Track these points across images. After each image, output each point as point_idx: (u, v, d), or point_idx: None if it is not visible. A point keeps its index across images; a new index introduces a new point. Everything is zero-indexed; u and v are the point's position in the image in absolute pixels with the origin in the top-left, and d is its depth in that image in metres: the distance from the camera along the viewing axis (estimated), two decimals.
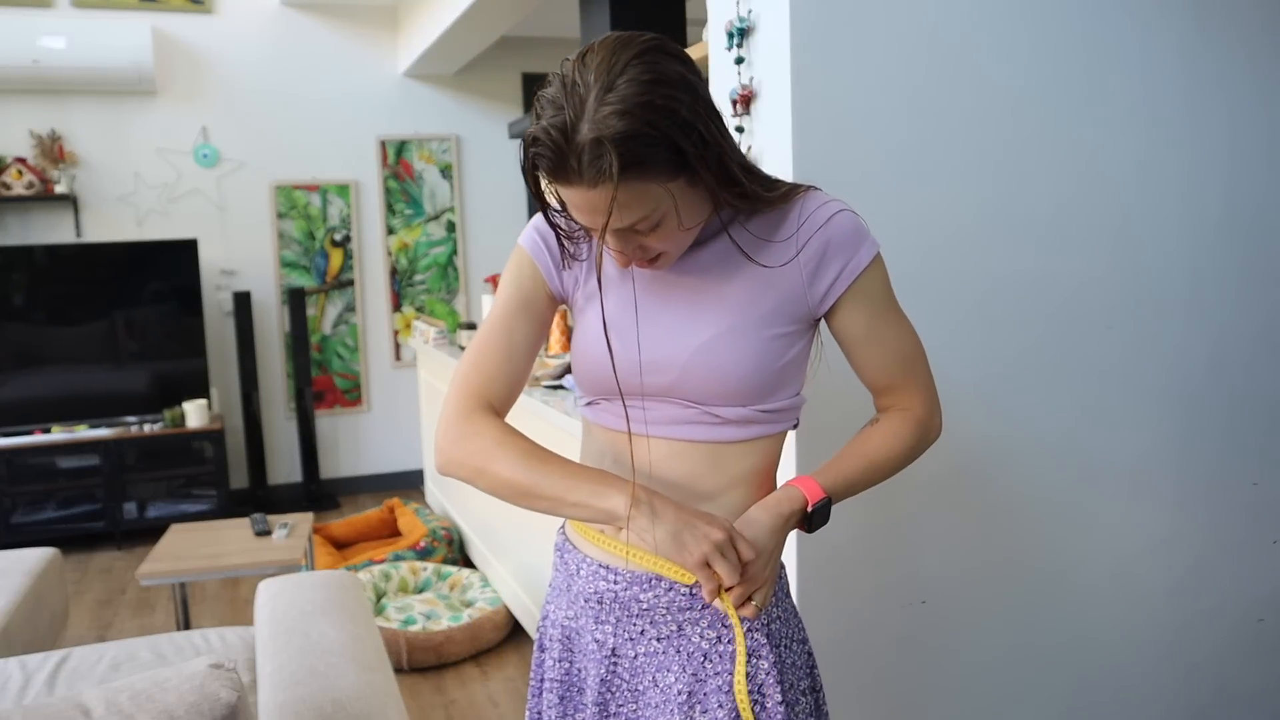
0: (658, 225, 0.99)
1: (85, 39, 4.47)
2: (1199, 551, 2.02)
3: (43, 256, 4.52)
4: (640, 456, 1.13)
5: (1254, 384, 2.01)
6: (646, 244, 1.03)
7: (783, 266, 1.07)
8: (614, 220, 0.97)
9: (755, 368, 1.06)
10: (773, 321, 1.07)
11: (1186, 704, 2.06)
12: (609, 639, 1.14)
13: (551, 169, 0.95)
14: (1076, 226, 1.83)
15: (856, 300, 1.10)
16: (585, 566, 1.16)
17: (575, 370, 1.17)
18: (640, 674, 1.13)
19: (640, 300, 1.12)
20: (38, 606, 2.58)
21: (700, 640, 1.11)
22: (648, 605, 1.11)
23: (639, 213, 0.97)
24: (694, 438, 1.10)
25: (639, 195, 0.95)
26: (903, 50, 1.67)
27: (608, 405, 1.16)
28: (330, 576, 2.25)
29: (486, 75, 5.30)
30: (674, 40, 3.78)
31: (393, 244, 5.30)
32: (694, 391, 1.08)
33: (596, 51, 0.96)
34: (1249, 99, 1.92)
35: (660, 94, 0.92)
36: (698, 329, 1.07)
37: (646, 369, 1.10)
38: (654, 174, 0.95)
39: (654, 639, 1.12)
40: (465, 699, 2.90)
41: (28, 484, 4.40)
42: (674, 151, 0.94)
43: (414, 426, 5.28)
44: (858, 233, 1.08)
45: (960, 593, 1.85)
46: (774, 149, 1.67)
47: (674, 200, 0.98)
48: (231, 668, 1.26)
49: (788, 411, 1.12)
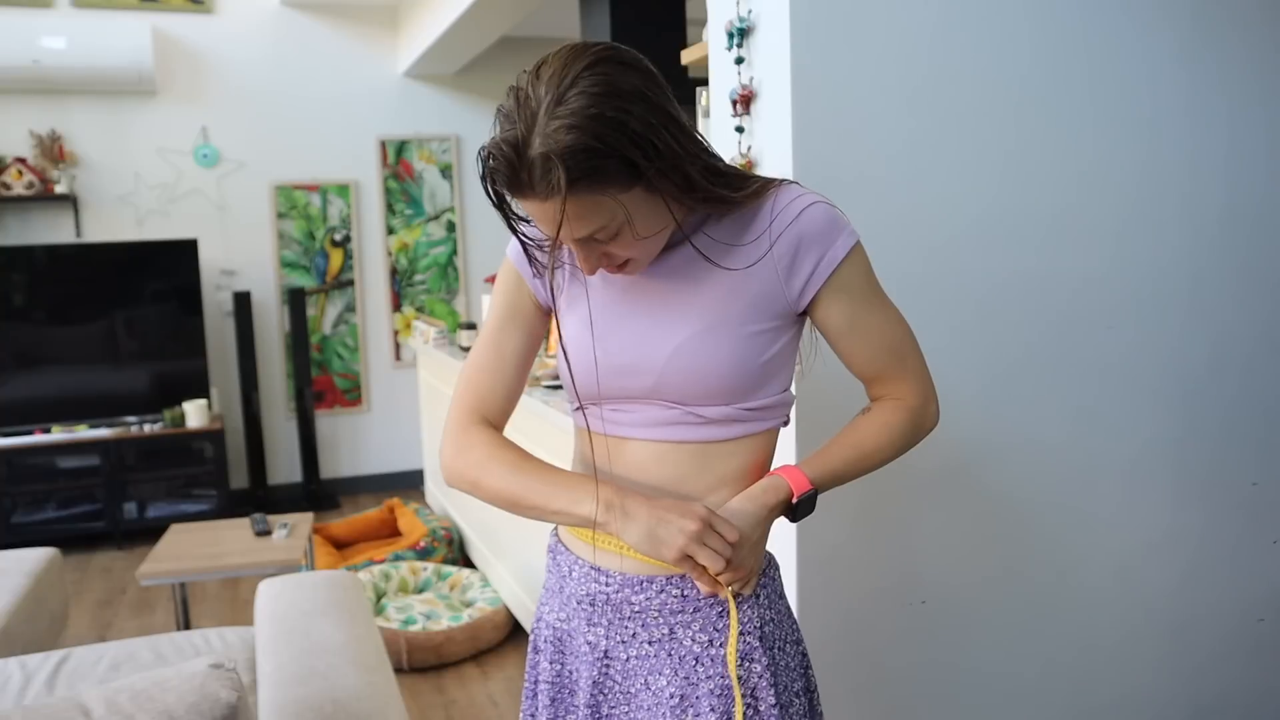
0: (616, 234, 1.00)
1: (85, 39, 4.47)
2: (1198, 551, 2.02)
3: (43, 256, 4.52)
4: (628, 460, 1.12)
5: (1254, 384, 2.01)
6: (610, 251, 1.03)
7: (757, 264, 1.06)
8: (569, 231, 0.98)
9: (734, 366, 1.06)
10: (750, 319, 1.06)
11: (1186, 704, 2.06)
12: (601, 641, 1.14)
13: (506, 183, 0.97)
14: (1076, 227, 1.83)
15: (836, 293, 1.08)
16: (577, 568, 1.16)
17: (561, 376, 1.18)
18: (632, 676, 1.13)
19: (617, 304, 1.11)
20: (38, 606, 2.58)
21: (692, 644, 1.10)
22: (640, 607, 1.11)
23: (594, 224, 0.98)
24: (678, 438, 1.10)
25: (592, 207, 0.96)
26: (903, 50, 1.67)
27: (590, 410, 1.16)
28: (330, 576, 2.25)
29: (486, 75, 5.30)
30: (674, 40, 3.73)
31: (393, 244, 5.30)
32: (675, 393, 1.08)
33: (550, 63, 0.96)
34: (1249, 99, 1.92)
35: (611, 106, 0.92)
36: (675, 330, 1.07)
37: (627, 372, 1.10)
38: (606, 186, 0.94)
39: (646, 642, 1.12)
40: (465, 699, 2.90)
41: (28, 484, 4.40)
42: (625, 164, 0.94)
43: (414, 426, 5.28)
44: (832, 225, 1.07)
45: (959, 593, 1.85)
46: (774, 149, 1.67)
47: (627, 211, 0.97)
48: (231, 668, 1.26)
49: (774, 409, 1.12)
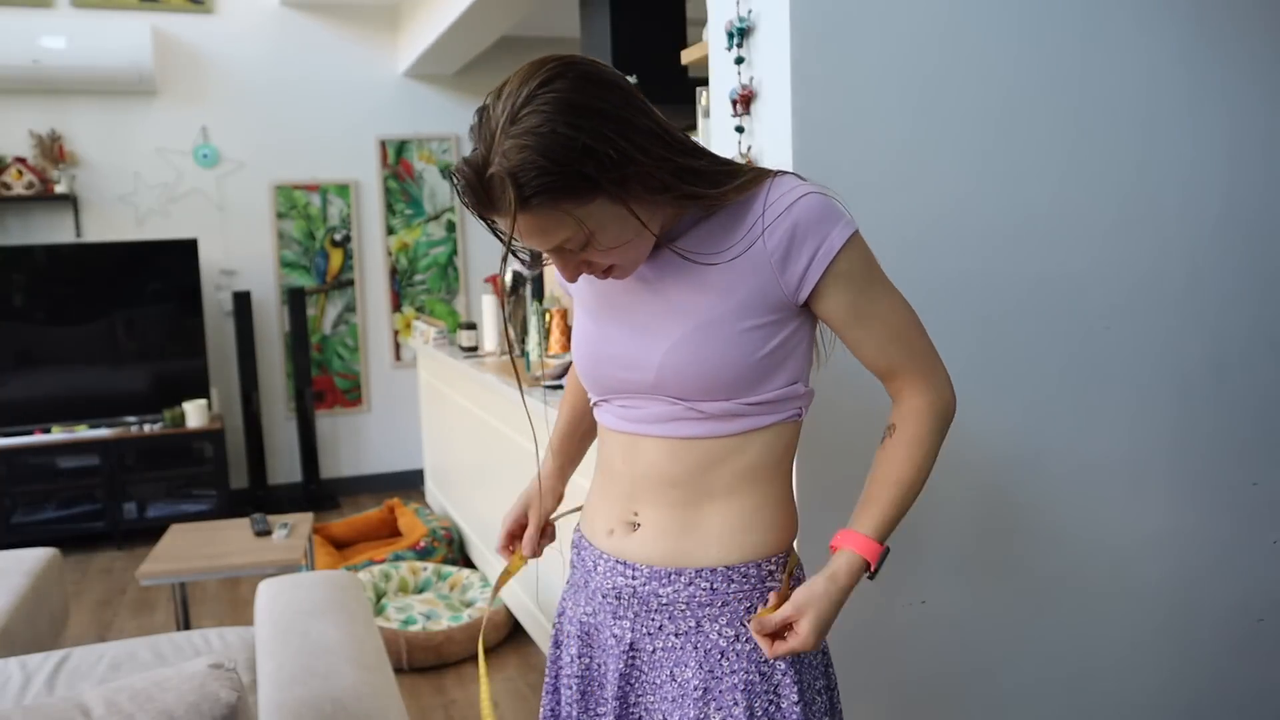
0: (586, 245, 1.00)
1: (85, 39, 4.47)
2: (1198, 551, 2.02)
3: (43, 256, 4.52)
4: (641, 456, 1.14)
5: (1253, 384, 2.01)
6: (589, 260, 1.03)
7: (747, 258, 1.05)
8: (535, 244, 0.99)
9: (730, 361, 1.05)
10: (747, 313, 1.06)
11: (1186, 704, 2.06)
12: (627, 634, 1.15)
13: (472, 202, 0.98)
14: (1076, 226, 1.83)
15: (837, 283, 1.06)
16: (603, 563, 1.17)
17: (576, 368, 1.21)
18: (658, 668, 1.14)
19: (617, 300, 1.13)
20: (38, 606, 2.58)
21: (718, 638, 1.11)
22: (667, 600, 1.12)
23: (557, 237, 0.99)
24: (683, 434, 1.10)
25: (553, 222, 0.97)
26: (903, 50, 1.67)
27: (605, 406, 1.18)
28: (330, 576, 2.25)
29: (486, 75, 5.30)
30: (674, 40, 3.72)
31: (393, 244, 5.30)
32: (675, 388, 1.08)
33: (511, 81, 0.97)
34: (1249, 98, 1.92)
35: (561, 122, 0.93)
36: (670, 328, 1.07)
37: (629, 367, 1.11)
38: (560, 201, 0.95)
39: (672, 634, 1.13)
40: (465, 699, 2.90)
41: (28, 484, 4.40)
42: (580, 178, 0.94)
43: (414, 426, 5.28)
44: (828, 214, 1.05)
45: (960, 593, 1.85)
46: (774, 149, 1.67)
47: (587, 224, 0.97)
48: (231, 668, 1.26)
49: (780, 403, 1.11)
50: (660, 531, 1.13)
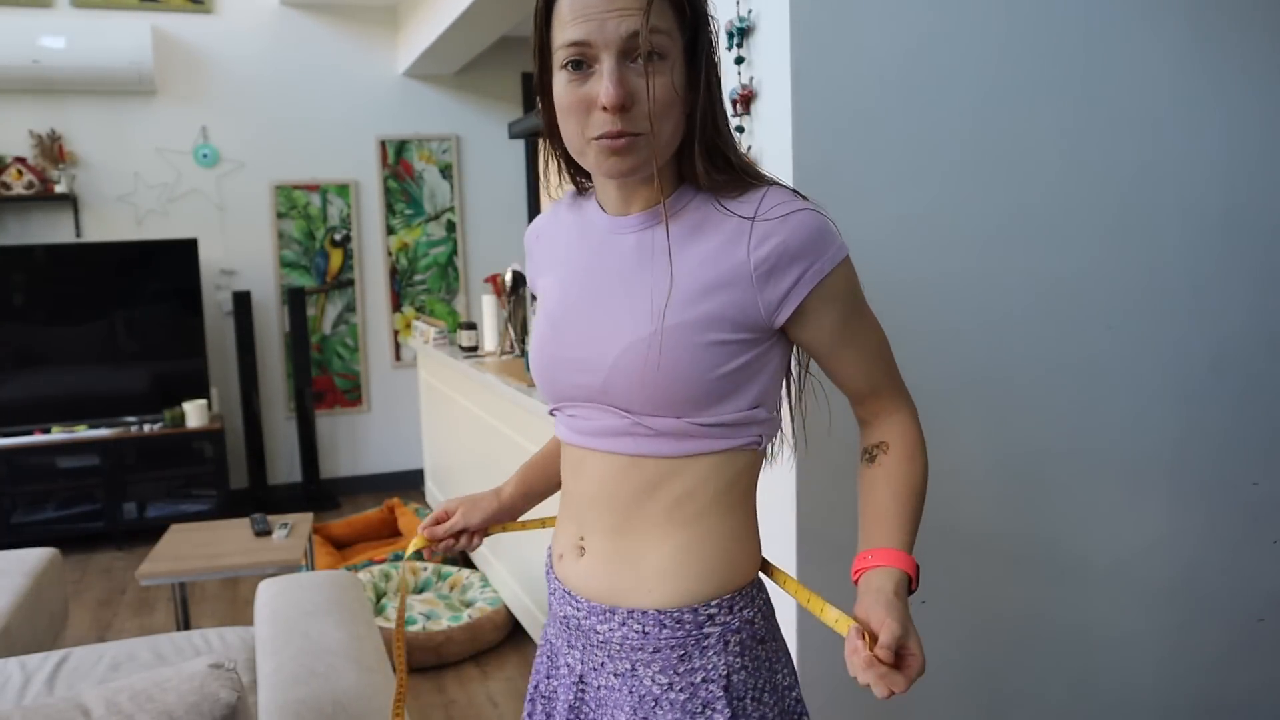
0: (664, 57, 0.94)
1: (85, 39, 4.47)
2: (1199, 551, 2.02)
3: (42, 256, 4.52)
4: (586, 473, 1.07)
5: (1254, 383, 2.01)
6: (638, 86, 0.93)
7: (731, 267, 0.98)
8: (638, 8, 0.92)
9: (682, 374, 0.97)
10: (713, 326, 0.97)
11: (1186, 704, 2.06)
12: (577, 665, 1.10)
13: None
14: (1076, 226, 1.83)
15: (825, 305, 1.00)
16: (560, 588, 1.12)
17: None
18: (603, 705, 1.08)
19: (581, 292, 1.06)
20: (38, 606, 2.58)
21: (652, 684, 1.03)
22: (605, 638, 1.05)
23: (659, 20, 0.93)
24: (628, 451, 1.02)
25: (660, 10, 0.94)
26: (903, 50, 1.67)
27: (559, 415, 1.11)
28: (330, 576, 2.25)
29: (486, 75, 5.30)
30: None
31: (393, 244, 5.30)
32: (621, 397, 1.01)
33: None
34: (1248, 99, 1.92)
35: None
36: (629, 328, 1.00)
37: (578, 368, 1.03)
38: (675, 17, 0.95)
39: (611, 674, 1.06)
40: (465, 699, 2.90)
41: (28, 484, 4.40)
42: (692, 11, 0.97)
43: (414, 426, 5.28)
44: (822, 235, 0.98)
45: (959, 593, 1.85)
46: (774, 149, 1.67)
47: (673, 40, 0.95)
48: (231, 668, 1.26)
49: (735, 428, 1.01)
50: (602, 560, 1.06)
